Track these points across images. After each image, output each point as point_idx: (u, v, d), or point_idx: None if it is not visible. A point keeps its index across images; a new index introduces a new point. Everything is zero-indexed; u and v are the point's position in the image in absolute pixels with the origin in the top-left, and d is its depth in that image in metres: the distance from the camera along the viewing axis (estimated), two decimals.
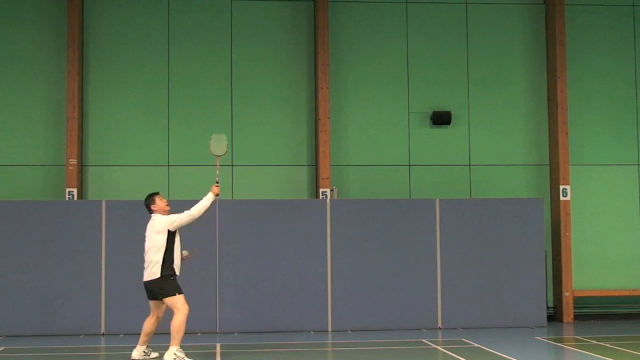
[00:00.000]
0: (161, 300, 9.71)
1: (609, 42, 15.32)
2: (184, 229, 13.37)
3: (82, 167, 14.23)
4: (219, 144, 10.24)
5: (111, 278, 12.83)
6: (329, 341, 12.17)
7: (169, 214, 9.84)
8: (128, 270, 12.88)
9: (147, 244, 9.77)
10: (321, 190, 14.13)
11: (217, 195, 9.83)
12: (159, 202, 9.91)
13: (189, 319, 12.87)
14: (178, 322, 9.52)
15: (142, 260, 13.39)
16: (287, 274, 13.14)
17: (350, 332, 12.97)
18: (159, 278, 9.59)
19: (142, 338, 9.96)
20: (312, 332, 12.92)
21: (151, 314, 9.94)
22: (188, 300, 13.00)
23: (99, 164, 14.38)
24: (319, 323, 13.10)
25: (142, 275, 12.93)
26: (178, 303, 9.57)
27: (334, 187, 14.30)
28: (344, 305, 13.16)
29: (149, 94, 14.57)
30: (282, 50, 14.84)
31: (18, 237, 12.83)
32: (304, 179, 14.67)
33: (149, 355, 9.99)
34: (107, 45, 14.55)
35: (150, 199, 9.95)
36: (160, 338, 10.61)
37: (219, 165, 10.27)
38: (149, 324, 9.93)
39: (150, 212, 9.93)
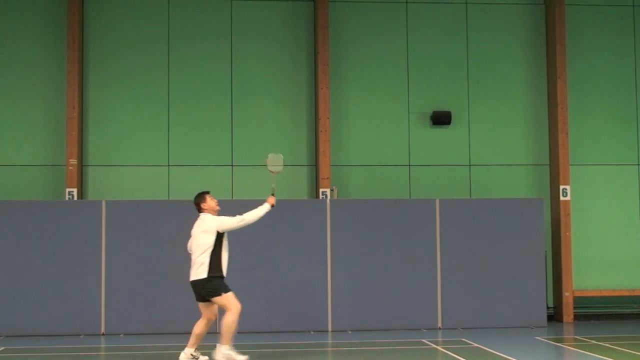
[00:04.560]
0: (209, 300, 9.44)
1: (609, 42, 15.33)
2: (187, 228, 13.33)
3: (82, 167, 14.23)
4: (275, 161, 10.12)
5: (111, 278, 12.83)
6: (329, 341, 12.17)
7: (218, 214, 9.68)
8: (128, 270, 12.90)
9: (194, 243, 9.51)
10: (321, 190, 14.14)
11: (272, 205, 9.76)
12: (210, 202, 9.70)
13: (189, 318, 12.86)
14: (229, 321, 9.26)
15: (143, 260, 13.43)
16: (287, 274, 13.14)
17: (350, 332, 12.97)
18: (205, 279, 9.32)
19: (191, 340, 9.63)
20: (312, 332, 12.92)
21: (202, 316, 9.63)
22: (188, 300, 13.01)
23: (99, 164, 14.38)
24: (319, 323, 13.10)
25: (143, 275, 13.01)
26: (227, 301, 9.31)
27: (334, 187, 14.30)
28: (344, 305, 13.16)
29: (149, 94, 14.57)
30: (282, 50, 14.84)
31: (18, 237, 12.83)
32: (304, 179, 14.67)
33: (197, 359, 9.66)
34: (107, 45, 14.55)
35: (201, 197, 9.73)
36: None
37: (275, 176, 10.10)
38: (199, 326, 9.62)
39: (200, 210, 9.69)
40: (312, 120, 14.72)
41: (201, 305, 9.59)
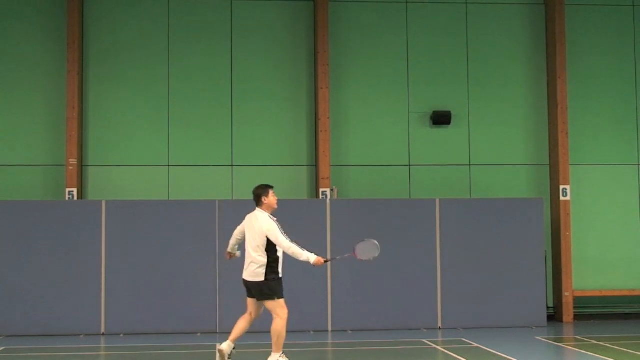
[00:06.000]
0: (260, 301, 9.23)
1: (609, 42, 15.32)
2: (187, 228, 13.38)
3: (82, 167, 14.23)
4: (369, 251, 9.52)
5: (111, 278, 12.83)
6: (329, 341, 12.17)
7: (274, 213, 9.34)
8: (128, 270, 12.89)
9: (251, 242, 9.21)
10: (321, 190, 14.13)
11: (314, 266, 9.38)
12: (272, 198, 9.32)
13: (189, 318, 12.92)
14: (278, 328, 9.06)
15: (143, 260, 13.40)
16: (287, 274, 13.08)
17: (350, 332, 12.97)
18: (263, 281, 9.11)
19: (233, 334, 9.32)
20: (312, 332, 12.92)
21: (247, 311, 9.40)
22: (188, 300, 13.04)
23: (99, 164, 14.37)
24: (319, 323, 13.10)
25: (143, 275, 12.99)
26: (278, 307, 9.11)
27: (334, 187, 14.30)
28: (344, 305, 13.16)
29: (149, 94, 14.56)
30: (282, 50, 14.84)
31: (18, 237, 12.83)
32: (304, 179, 14.66)
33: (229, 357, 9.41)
34: (107, 45, 14.55)
35: (264, 190, 9.31)
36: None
37: (344, 257, 9.84)
38: (243, 322, 9.36)
39: (258, 203, 9.31)
40: (312, 120, 14.71)
41: (251, 301, 9.34)
